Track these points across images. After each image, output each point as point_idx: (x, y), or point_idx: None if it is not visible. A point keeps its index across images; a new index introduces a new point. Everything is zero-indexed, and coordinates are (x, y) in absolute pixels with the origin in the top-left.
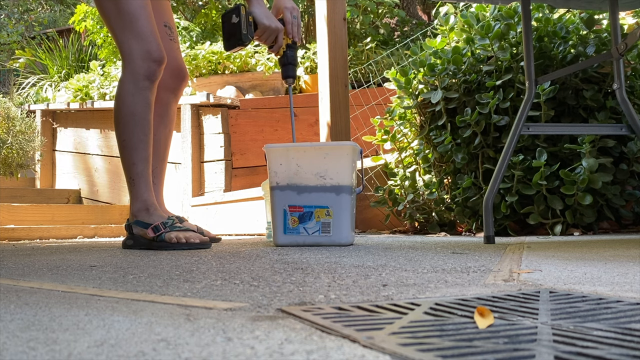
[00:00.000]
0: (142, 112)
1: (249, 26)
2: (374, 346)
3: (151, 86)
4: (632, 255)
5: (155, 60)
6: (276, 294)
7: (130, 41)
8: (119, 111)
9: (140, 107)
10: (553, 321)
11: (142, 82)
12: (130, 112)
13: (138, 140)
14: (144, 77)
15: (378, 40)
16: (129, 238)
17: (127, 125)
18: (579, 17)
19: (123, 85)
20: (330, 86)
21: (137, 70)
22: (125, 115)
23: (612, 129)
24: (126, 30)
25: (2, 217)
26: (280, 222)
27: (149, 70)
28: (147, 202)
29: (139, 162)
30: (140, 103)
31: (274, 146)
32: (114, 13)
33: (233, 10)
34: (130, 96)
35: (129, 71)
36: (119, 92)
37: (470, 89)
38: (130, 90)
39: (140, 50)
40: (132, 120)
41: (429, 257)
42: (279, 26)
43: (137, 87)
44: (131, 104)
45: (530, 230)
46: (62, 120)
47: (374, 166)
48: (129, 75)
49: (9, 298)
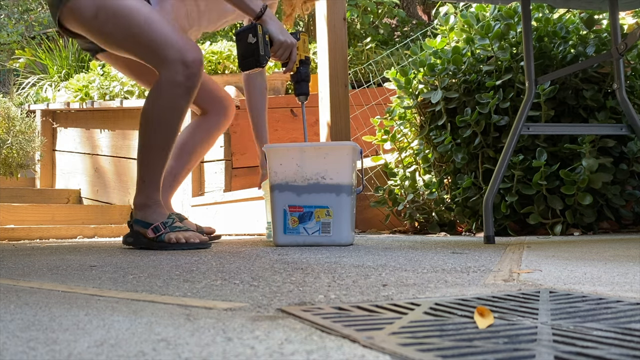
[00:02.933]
0: (170, 120)
1: (266, 46)
2: (374, 346)
3: (187, 93)
4: (632, 255)
5: (193, 61)
6: (276, 294)
7: (160, 48)
8: (147, 113)
9: (170, 114)
10: (553, 321)
11: (177, 89)
12: (157, 118)
13: (159, 147)
14: (181, 83)
15: (378, 40)
16: (130, 235)
17: (151, 128)
18: (579, 17)
19: (158, 88)
20: (330, 86)
21: (174, 77)
22: (153, 119)
23: (612, 129)
24: (149, 42)
25: (2, 217)
26: (280, 222)
27: (187, 74)
28: (151, 198)
29: (155, 166)
30: (169, 110)
31: (274, 146)
32: (125, 33)
33: (249, 29)
34: (162, 101)
35: (166, 77)
36: (153, 94)
37: (470, 89)
38: (165, 95)
39: (175, 54)
40: (158, 127)
41: (429, 257)
42: (294, 41)
43: (172, 93)
44: (161, 109)
45: (530, 230)
46: (62, 120)
47: (374, 166)
48: (166, 81)
49: (9, 298)
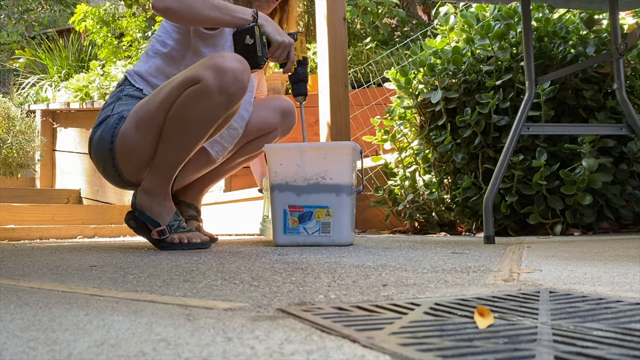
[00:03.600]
0: (200, 124)
1: (263, 47)
2: (374, 346)
3: (225, 103)
4: (632, 255)
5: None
6: (276, 294)
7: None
8: (177, 111)
9: (199, 118)
10: (553, 321)
11: (217, 97)
12: (186, 117)
13: (182, 145)
14: (218, 91)
15: (378, 40)
16: (132, 219)
17: (178, 127)
18: (579, 17)
19: (194, 92)
20: (330, 86)
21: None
22: (181, 118)
23: (612, 129)
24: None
25: (2, 217)
26: (280, 222)
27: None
28: (159, 187)
29: (173, 161)
30: (200, 115)
31: (274, 146)
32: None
33: (246, 30)
34: (195, 105)
35: (204, 82)
36: (187, 96)
37: (470, 89)
38: (199, 100)
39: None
40: (185, 127)
41: (429, 257)
42: (291, 41)
43: (208, 99)
44: (191, 111)
45: (530, 230)
46: (62, 120)
47: (374, 166)
48: (202, 86)
49: (9, 298)
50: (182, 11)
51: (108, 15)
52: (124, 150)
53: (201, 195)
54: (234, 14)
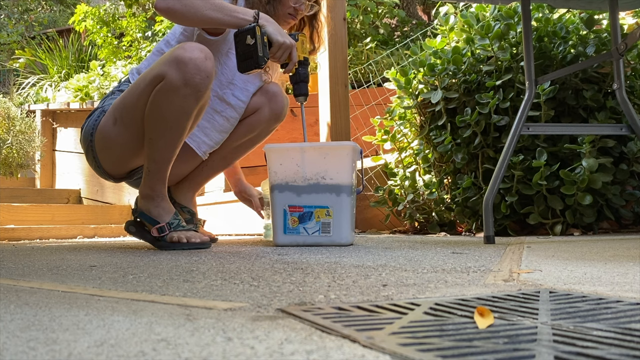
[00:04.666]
0: (175, 119)
1: (264, 47)
2: (374, 346)
3: (193, 94)
4: (632, 255)
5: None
6: (276, 294)
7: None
8: (150, 111)
9: (173, 114)
10: (553, 321)
11: (183, 90)
12: (161, 116)
13: (165, 143)
14: (182, 84)
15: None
16: (133, 224)
17: (157, 126)
18: (579, 17)
19: (161, 89)
20: (330, 86)
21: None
22: (156, 117)
23: (612, 129)
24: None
25: (2, 217)
26: (280, 222)
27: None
28: (155, 190)
29: (161, 161)
30: (174, 110)
31: (274, 146)
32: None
33: (247, 31)
34: (166, 102)
35: (168, 78)
36: (155, 95)
37: (470, 89)
38: (168, 96)
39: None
40: (163, 125)
41: (429, 257)
42: (293, 42)
43: (176, 94)
44: (164, 109)
45: (530, 230)
46: (62, 120)
47: (374, 166)
48: (167, 82)
49: (9, 298)
50: (183, 11)
51: (108, 15)
52: (101, 144)
53: (194, 195)
54: (235, 15)
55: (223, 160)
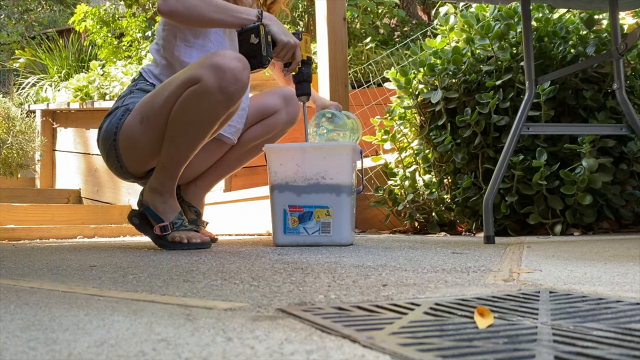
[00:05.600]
0: (201, 122)
1: (268, 46)
2: (374, 346)
3: (225, 102)
4: (632, 255)
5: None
6: (276, 294)
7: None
8: (178, 111)
9: (201, 117)
10: (553, 321)
11: (217, 96)
12: (187, 116)
13: (184, 143)
14: (218, 90)
15: (378, 40)
16: (136, 216)
17: (181, 126)
18: (579, 17)
19: (195, 91)
20: (330, 86)
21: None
22: (183, 117)
23: (612, 129)
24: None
25: (2, 217)
26: (280, 222)
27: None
28: (165, 186)
29: (177, 159)
30: (202, 113)
31: (274, 146)
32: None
33: (251, 30)
34: (196, 104)
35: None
36: (187, 95)
37: (470, 89)
38: (200, 99)
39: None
40: (188, 125)
41: (429, 257)
42: (297, 41)
43: (208, 98)
44: (192, 110)
45: (530, 230)
46: (62, 120)
47: (374, 166)
48: (202, 85)
49: (9, 298)
50: (186, 14)
51: (108, 15)
52: (125, 143)
53: (204, 195)
54: (238, 15)
55: (238, 161)
